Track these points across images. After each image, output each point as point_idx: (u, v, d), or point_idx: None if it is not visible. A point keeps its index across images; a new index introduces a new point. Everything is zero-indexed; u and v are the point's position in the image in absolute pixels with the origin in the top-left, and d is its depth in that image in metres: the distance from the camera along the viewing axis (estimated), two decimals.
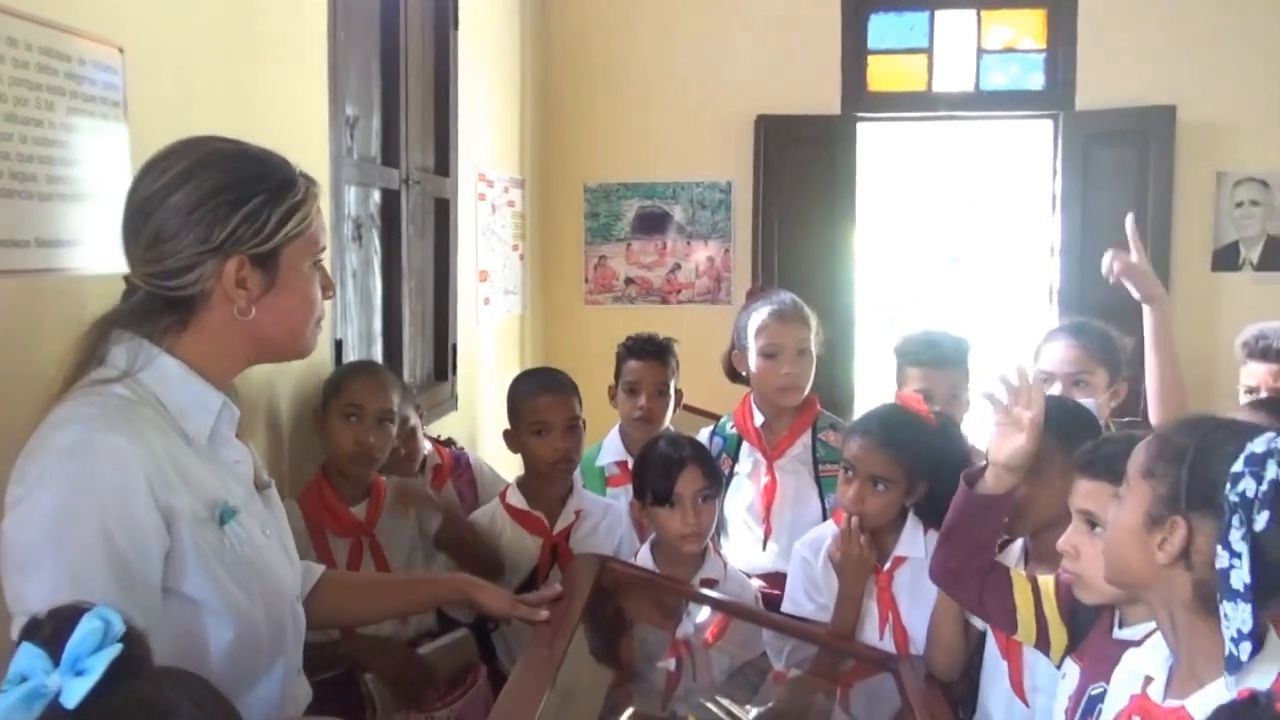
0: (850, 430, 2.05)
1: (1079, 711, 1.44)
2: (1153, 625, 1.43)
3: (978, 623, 1.84)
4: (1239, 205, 4.45)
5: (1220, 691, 1.13)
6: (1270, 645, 1.15)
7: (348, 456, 2.09)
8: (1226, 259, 4.47)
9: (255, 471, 1.37)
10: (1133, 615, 1.48)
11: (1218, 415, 1.25)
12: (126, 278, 1.26)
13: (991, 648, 1.80)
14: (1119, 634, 1.48)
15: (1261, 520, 1.08)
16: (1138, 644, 1.39)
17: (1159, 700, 1.22)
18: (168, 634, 1.12)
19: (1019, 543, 1.84)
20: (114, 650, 0.87)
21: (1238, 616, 1.10)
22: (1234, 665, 1.10)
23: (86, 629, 0.87)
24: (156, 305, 1.23)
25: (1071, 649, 1.58)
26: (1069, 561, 1.50)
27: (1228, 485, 1.11)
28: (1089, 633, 1.55)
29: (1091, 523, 1.48)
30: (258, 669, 1.27)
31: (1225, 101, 4.37)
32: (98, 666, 0.85)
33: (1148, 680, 1.26)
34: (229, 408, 1.28)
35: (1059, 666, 1.60)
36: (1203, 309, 4.41)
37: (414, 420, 2.38)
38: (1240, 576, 1.09)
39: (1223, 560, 1.11)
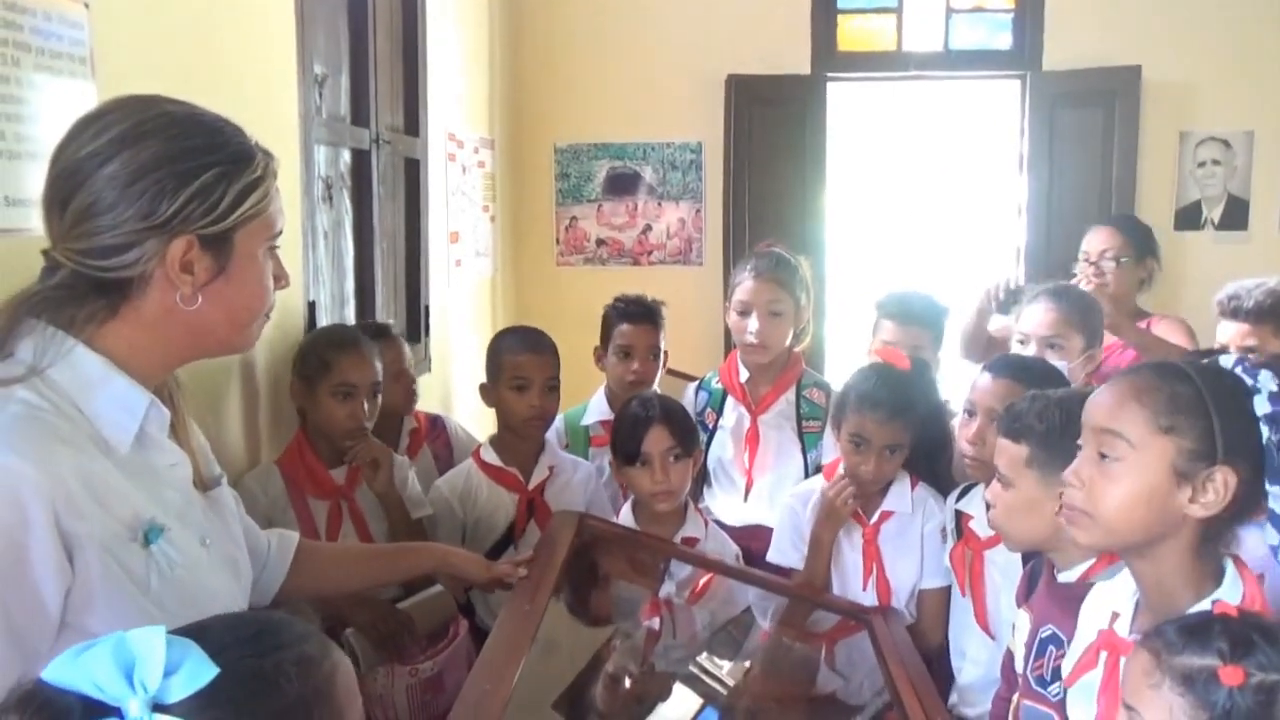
0: (859, 405, 2.01)
1: (1032, 653, 1.51)
2: (1086, 565, 1.50)
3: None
4: (1201, 165, 4.50)
5: None
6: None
7: (344, 433, 2.09)
8: (1189, 218, 4.53)
9: (199, 470, 1.22)
10: (1065, 560, 1.54)
11: (1172, 361, 1.29)
12: (46, 253, 1.09)
13: (956, 591, 1.86)
14: (1061, 578, 1.54)
15: None
16: (1076, 586, 1.46)
17: (1125, 635, 1.27)
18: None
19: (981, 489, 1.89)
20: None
21: None
22: None
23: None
24: (82, 288, 1.07)
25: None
26: (991, 513, 1.62)
27: (1266, 427, 1.15)
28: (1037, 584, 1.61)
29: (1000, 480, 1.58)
30: None
31: (1188, 62, 4.40)
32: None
33: (1114, 616, 1.30)
34: (157, 408, 1.12)
35: None
36: (1167, 268, 4.44)
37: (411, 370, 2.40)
38: None
39: (1278, 498, 1.15)
